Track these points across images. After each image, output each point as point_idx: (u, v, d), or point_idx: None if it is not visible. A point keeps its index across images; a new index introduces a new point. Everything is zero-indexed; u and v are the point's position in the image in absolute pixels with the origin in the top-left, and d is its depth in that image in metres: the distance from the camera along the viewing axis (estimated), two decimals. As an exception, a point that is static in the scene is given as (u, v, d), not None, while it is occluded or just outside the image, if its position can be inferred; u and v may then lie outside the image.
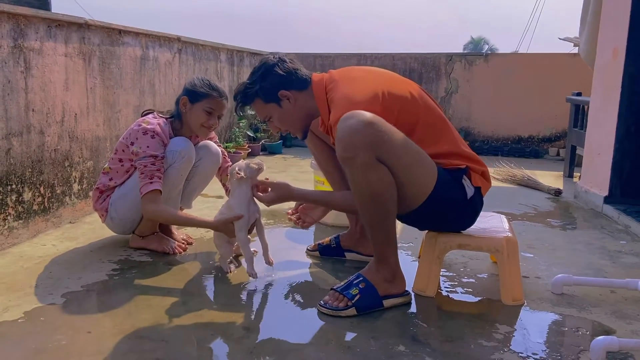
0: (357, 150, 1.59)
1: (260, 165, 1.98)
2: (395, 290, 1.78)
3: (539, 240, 2.57)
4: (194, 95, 2.18)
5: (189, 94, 2.19)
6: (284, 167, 4.48)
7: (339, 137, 1.62)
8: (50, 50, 2.44)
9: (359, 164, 1.60)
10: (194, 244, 2.38)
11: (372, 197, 1.65)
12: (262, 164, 1.99)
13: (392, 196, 1.67)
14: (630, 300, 1.85)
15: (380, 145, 1.60)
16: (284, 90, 1.86)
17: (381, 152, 1.61)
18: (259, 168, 1.97)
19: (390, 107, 1.71)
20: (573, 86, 4.67)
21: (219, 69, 4.75)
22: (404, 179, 1.67)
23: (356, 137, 1.59)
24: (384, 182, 1.64)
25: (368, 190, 1.64)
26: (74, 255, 2.21)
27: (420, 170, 1.69)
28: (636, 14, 2.97)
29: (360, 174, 1.63)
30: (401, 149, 1.65)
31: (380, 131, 1.60)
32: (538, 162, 5.17)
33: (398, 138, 1.65)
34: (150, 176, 2.07)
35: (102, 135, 2.88)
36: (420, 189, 1.71)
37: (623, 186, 3.11)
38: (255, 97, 1.88)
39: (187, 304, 1.76)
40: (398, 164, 1.64)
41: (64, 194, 2.60)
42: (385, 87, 1.75)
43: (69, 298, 1.78)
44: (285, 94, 1.86)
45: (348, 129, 1.60)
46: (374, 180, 1.62)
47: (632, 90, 3.03)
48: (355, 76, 1.84)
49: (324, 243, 2.27)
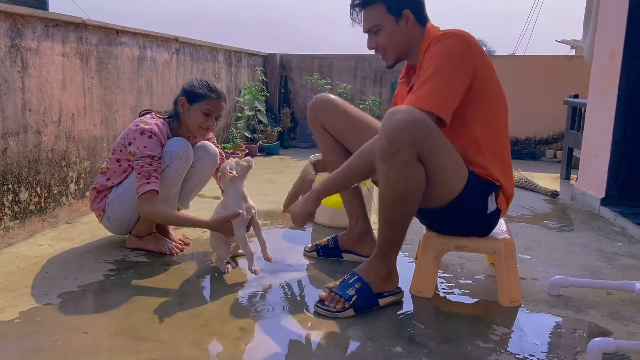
0: (401, 145, 1.56)
1: (250, 162, 2.03)
2: (388, 288, 1.79)
3: (536, 241, 2.57)
4: (192, 96, 2.18)
5: (187, 94, 2.18)
6: (281, 168, 4.48)
7: (385, 130, 1.59)
8: (48, 49, 2.44)
9: (400, 160, 1.57)
10: (191, 245, 2.38)
11: (402, 196, 1.63)
12: (251, 160, 2.05)
13: (419, 198, 1.66)
14: (626, 302, 1.85)
15: (424, 144, 1.58)
16: (409, 11, 1.81)
17: (423, 150, 1.59)
18: (249, 165, 2.02)
19: (479, 65, 1.70)
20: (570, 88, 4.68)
21: (217, 69, 4.74)
22: (435, 180, 1.65)
23: (403, 132, 1.56)
24: (417, 182, 1.62)
25: (401, 188, 1.62)
26: (70, 255, 2.20)
27: (453, 174, 1.69)
28: (633, 16, 2.98)
29: (398, 171, 1.59)
30: (442, 150, 1.64)
31: (426, 130, 1.59)
32: (535, 164, 5.18)
33: (442, 139, 1.64)
34: (147, 176, 2.06)
35: (99, 135, 2.88)
36: (446, 193, 1.70)
37: (620, 188, 3.12)
38: (382, 2, 1.79)
39: (183, 304, 1.76)
40: (436, 165, 1.63)
41: (60, 194, 2.59)
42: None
43: (65, 298, 1.77)
44: (408, 15, 1.80)
45: (396, 122, 1.57)
46: (410, 178, 1.60)
47: (629, 92, 3.04)
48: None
49: (321, 243, 2.27)
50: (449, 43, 1.68)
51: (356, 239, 2.21)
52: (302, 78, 6.05)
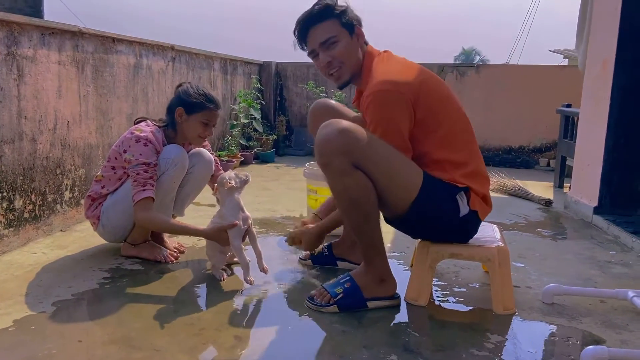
0: (331, 156, 1.66)
1: (247, 176, 2.08)
2: (382, 293, 1.82)
3: (529, 250, 2.59)
4: (190, 107, 2.18)
5: (185, 105, 2.19)
6: (276, 176, 4.48)
7: (316, 145, 1.70)
8: (44, 57, 2.44)
9: (334, 169, 1.67)
10: (186, 253, 2.38)
11: (350, 201, 1.71)
12: (249, 175, 2.09)
13: (369, 200, 1.71)
14: (619, 310, 1.87)
15: (355, 152, 1.66)
16: (360, 28, 1.89)
17: (356, 158, 1.66)
18: (246, 179, 2.07)
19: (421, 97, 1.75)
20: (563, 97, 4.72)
21: (213, 77, 4.75)
22: (384, 185, 1.71)
23: (331, 144, 1.66)
24: (359, 187, 1.68)
25: (346, 194, 1.70)
26: (64, 263, 2.19)
27: (402, 176, 1.73)
28: (625, 27, 3.01)
29: (336, 180, 1.70)
30: (378, 156, 1.70)
31: (355, 138, 1.66)
32: (529, 173, 5.21)
33: (376, 145, 1.69)
34: (143, 184, 2.07)
35: (94, 142, 2.88)
36: (402, 195, 1.74)
37: (612, 197, 3.14)
38: (336, 17, 1.85)
39: (178, 312, 1.75)
40: (376, 170, 1.69)
41: (55, 202, 2.59)
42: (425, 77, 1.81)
43: (59, 306, 1.77)
44: (360, 32, 1.89)
45: (324, 136, 1.68)
46: (350, 184, 1.68)
47: (621, 102, 3.07)
48: (400, 60, 1.89)
49: (316, 251, 2.27)
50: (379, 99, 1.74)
51: (349, 246, 2.21)
52: (298, 86, 6.08)
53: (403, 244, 2.55)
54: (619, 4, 3.01)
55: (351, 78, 1.90)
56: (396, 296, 1.85)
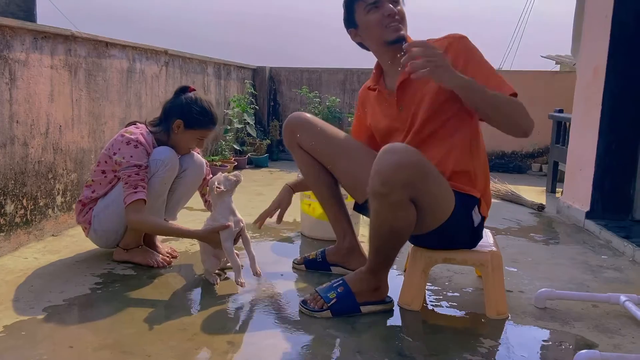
0: (394, 188, 1.55)
1: (238, 177, 2.04)
2: (375, 297, 1.81)
3: (522, 254, 2.60)
4: (190, 122, 2.18)
5: (185, 119, 2.17)
6: (270, 181, 4.48)
7: (378, 170, 1.56)
8: (36, 61, 2.43)
9: (391, 201, 1.58)
10: (179, 257, 2.36)
11: (391, 231, 1.66)
12: (239, 175, 2.05)
13: (409, 233, 1.69)
14: (612, 314, 1.88)
15: (418, 186, 1.59)
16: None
17: (416, 192, 1.59)
18: (237, 180, 2.03)
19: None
20: (555, 103, 4.75)
21: (206, 82, 4.75)
22: (426, 212, 1.67)
23: (398, 175, 1.54)
24: (408, 222, 1.64)
25: (390, 225, 1.64)
26: (56, 268, 2.18)
27: (442, 205, 1.70)
28: (616, 33, 3.04)
29: (388, 211, 1.61)
30: (435, 187, 1.65)
31: (422, 172, 1.59)
32: (521, 177, 5.24)
33: (434, 175, 1.65)
34: (134, 186, 2.05)
35: (86, 147, 2.86)
36: (436, 220, 1.72)
37: (604, 202, 3.16)
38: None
39: (171, 317, 1.74)
40: (428, 201, 1.64)
41: (46, 207, 2.57)
42: None
43: (50, 312, 1.75)
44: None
45: (391, 164, 1.54)
46: (401, 218, 1.62)
47: (612, 108, 3.10)
48: None
49: (310, 257, 2.27)
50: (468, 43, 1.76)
51: (344, 254, 2.20)
52: (292, 91, 6.08)
53: (396, 249, 2.55)
54: (609, 12, 3.04)
55: (405, 38, 1.81)
56: (388, 300, 1.85)
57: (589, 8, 3.38)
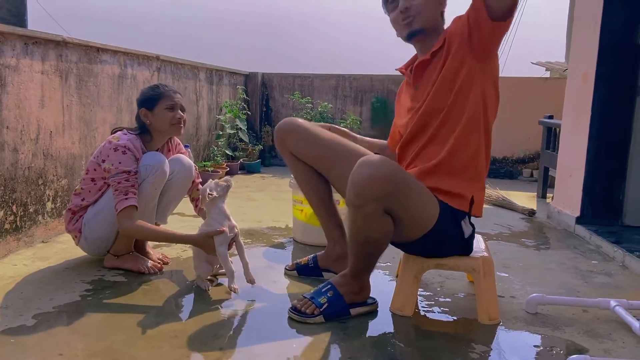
0: (367, 201, 1.60)
1: (229, 182, 2.04)
2: (360, 299, 1.85)
3: (513, 259, 2.61)
4: (149, 103, 2.19)
5: (144, 103, 2.19)
6: (262, 187, 4.47)
7: (353, 182, 1.61)
8: (27, 67, 2.42)
9: (366, 213, 1.62)
10: (170, 264, 2.35)
11: (367, 240, 1.70)
12: (230, 180, 2.06)
13: (385, 243, 1.73)
14: (602, 319, 1.89)
15: (392, 199, 1.62)
16: None
17: (391, 204, 1.63)
18: (228, 185, 2.03)
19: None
20: (545, 109, 4.79)
21: (198, 87, 4.75)
22: (406, 221, 1.70)
23: (371, 189, 1.59)
24: (382, 232, 1.68)
25: (365, 235, 1.68)
26: (46, 275, 2.16)
27: (423, 213, 1.72)
28: (605, 40, 3.08)
29: (363, 221, 1.65)
30: (412, 198, 1.67)
31: (397, 185, 1.61)
32: (512, 183, 5.27)
33: (411, 186, 1.67)
34: (125, 192, 2.05)
35: (77, 153, 2.85)
36: (419, 229, 1.74)
37: (594, 207, 3.19)
38: None
39: (161, 324, 1.73)
40: (404, 214, 1.67)
41: (36, 213, 2.55)
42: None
43: (40, 319, 1.73)
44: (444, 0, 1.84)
45: (365, 178, 1.59)
46: (375, 229, 1.66)
47: (601, 114, 3.13)
48: None
49: (301, 263, 2.26)
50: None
51: (334, 260, 2.20)
52: (284, 97, 6.09)
53: (389, 255, 2.55)
54: (598, 19, 3.08)
55: (421, 30, 1.82)
56: (371, 301, 1.88)
57: (578, 15, 3.42)
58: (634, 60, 3.08)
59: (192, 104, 4.60)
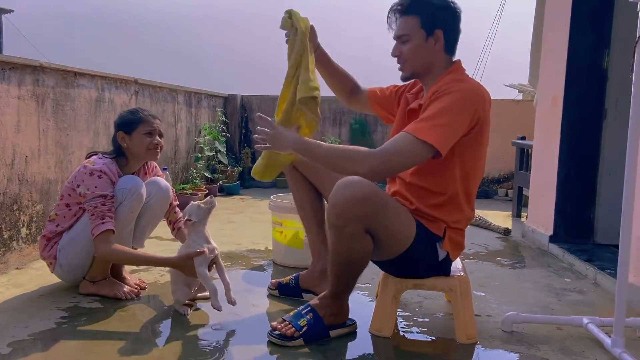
0: (347, 221, 1.64)
1: (211, 203, 2.04)
2: (339, 320, 1.86)
3: (490, 278, 2.65)
4: (127, 126, 2.19)
5: (123, 127, 2.20)
6: (241, 208, 4.46)
7: (334, 204, 1.65)
8: (3, 92, 2.40)
9: (347, 233, 1.66)
10: (148, 288, 2.33)
11: (348, 261, 1.73)
12: (213, 201, 2.05)
13: (365, 263, 1.76)
14: (575, 336, 1.93)
15: (372, 220, 1.66)
16: (441, 32, 1.79)
17: (371, 224, 1.67)
18: (210, 207, 2.03)
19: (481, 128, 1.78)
20: (518, 130, 4.91)
21: (177, 110, 4.75)
22: (385, 241, 1.74)
23: (351, 210, 1.63)
24: (363, 252, 1.71)
25: (346, 255, 1.72)
26: (20, 302, 2.12)
27: (402, 232, 1.75)
28: (572, 65, 3.20)
29: (344, 243, 1.69)
30: (391, 218, 1.71)
31: (376, 205, 1.66)
32: (488, 202, 5.36)
33: (390, 207, 1.71)
34: (101, 216, 2.03)
35: (53, 178, 2.82)
36: (397, 247, 1.77)
37: (566, 226, 3.27)
38: (419, 14, 1.78)
39: (139, 351, 1.71)
40: (385, 231, 1.71)
41: (11, 239, 2.51)
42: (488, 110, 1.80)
43: (15, 347, 1.70)
44: (439, 36, 1.79)
45: (345, 199, 1.63)
46: (357, 249, 1.70)
47: (570, 136, 3.23)
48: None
49: (283, 282, 2.28)
50: (467, 87, 1.73)
51: (316, 277, 2.22)
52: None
53: (368, 276, 2.57)
54: (565, 44, 3.20)
55: (411, 75, 1.87)
56: (350, 322, 1.90)
57: (546, 39, 3.55)
58: (601, 84, 3.20)
59: (171, 126, 4.60)
